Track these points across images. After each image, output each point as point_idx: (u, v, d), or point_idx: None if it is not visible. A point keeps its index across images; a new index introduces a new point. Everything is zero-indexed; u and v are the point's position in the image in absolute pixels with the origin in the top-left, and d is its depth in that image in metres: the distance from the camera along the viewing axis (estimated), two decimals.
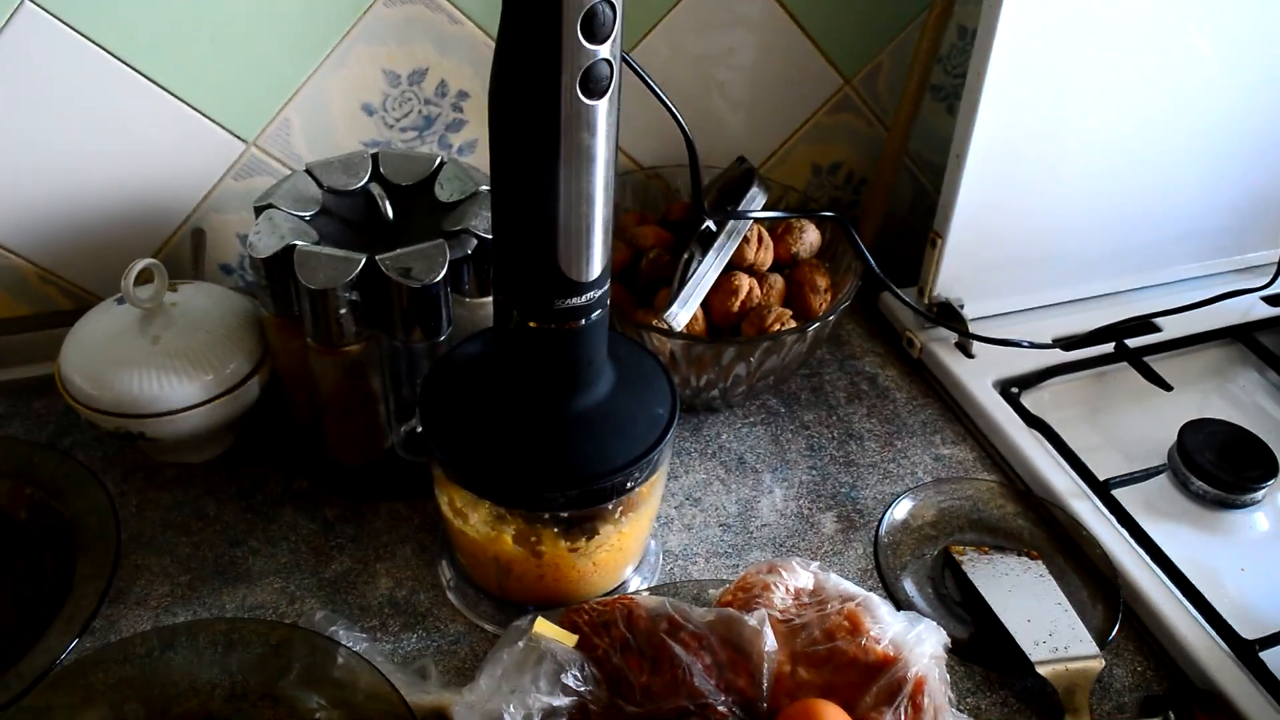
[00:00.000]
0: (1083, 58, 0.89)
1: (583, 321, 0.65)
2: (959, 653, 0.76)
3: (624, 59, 0.65)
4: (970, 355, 1.00)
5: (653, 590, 0.77)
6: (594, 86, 0.55)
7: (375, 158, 0.84)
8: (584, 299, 0.64)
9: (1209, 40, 0.93)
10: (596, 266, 0.63)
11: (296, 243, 0.76)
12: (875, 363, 1.03)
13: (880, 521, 0.84)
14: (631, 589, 0.79)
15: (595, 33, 0.54)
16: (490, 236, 0.77)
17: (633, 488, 0.69)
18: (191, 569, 0.81)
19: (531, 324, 0.65)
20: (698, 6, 0.97)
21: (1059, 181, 0.97)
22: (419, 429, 0.85)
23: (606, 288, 0.65)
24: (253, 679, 0.72)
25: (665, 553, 0.84)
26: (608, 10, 0.53)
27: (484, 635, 0.77)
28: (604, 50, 0.55)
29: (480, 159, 1.00)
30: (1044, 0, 0.85)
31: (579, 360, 0.67)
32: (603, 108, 0.57)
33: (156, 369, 0.80)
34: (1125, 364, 1.00)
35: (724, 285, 0.88)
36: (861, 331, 1.06)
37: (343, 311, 0.75)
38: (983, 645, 0.77)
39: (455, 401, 0.72)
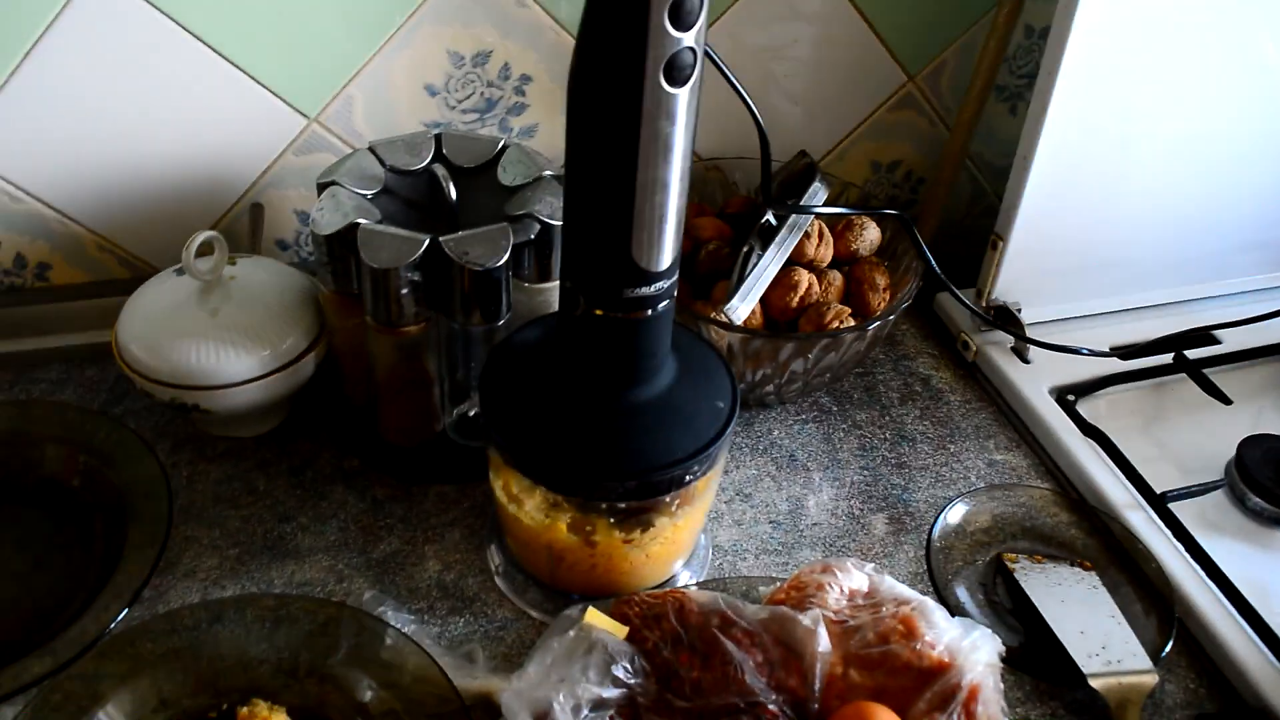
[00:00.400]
0: (1153, 62, 0.88)
1: (650, 312, 0.64)
2: (1009, 661, 0.75)
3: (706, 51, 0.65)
4: (1026, 360, 0.98)
5: (702, 585, 0.76)
6: (677, 75, 0.55)
7: (438, 138, 0.84)
8: (653, 289, 0.63)
9: (1277, 46, 0.91)
10: (668, 257, 0.62)
11: (360, 221, 0.75)
12: (929, 364, 1.02)
13: (933, 525, 0.83)
14: (681, 583, 0.79)
15: (682, 20, 0.53)
16: (554, 222, 0.77)
17: (691, 481, 0.68)
18: (240, 543, 0.81)
19: (598, 312, 0.64)
20: None
21: (1123, 187, 0.95)
22: (473, 413, 0.85)
23: (675, 279, 0.65)
24: (300, 656, 0.72)
25: (715, 548, 0.83)
26: None
27: (531, 622, 0.77)
28: (689, 38, 0.54)
29: (541, 143, 0.99)
30: (1119, 3, 0.83)
31: (644, 350, 0.67)
32: (684, 96, 0.56)
33: (214, 341, 0.80)
34: (1184, 375, 0.98)
35: (783, 280, 0.87)
36: (916, 332, 1.05)
37: (404, 292, 0.75)
38: (1033, 655, 0.76)
39: (514, 387, 0.71)
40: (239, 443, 0.88)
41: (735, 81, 0.78)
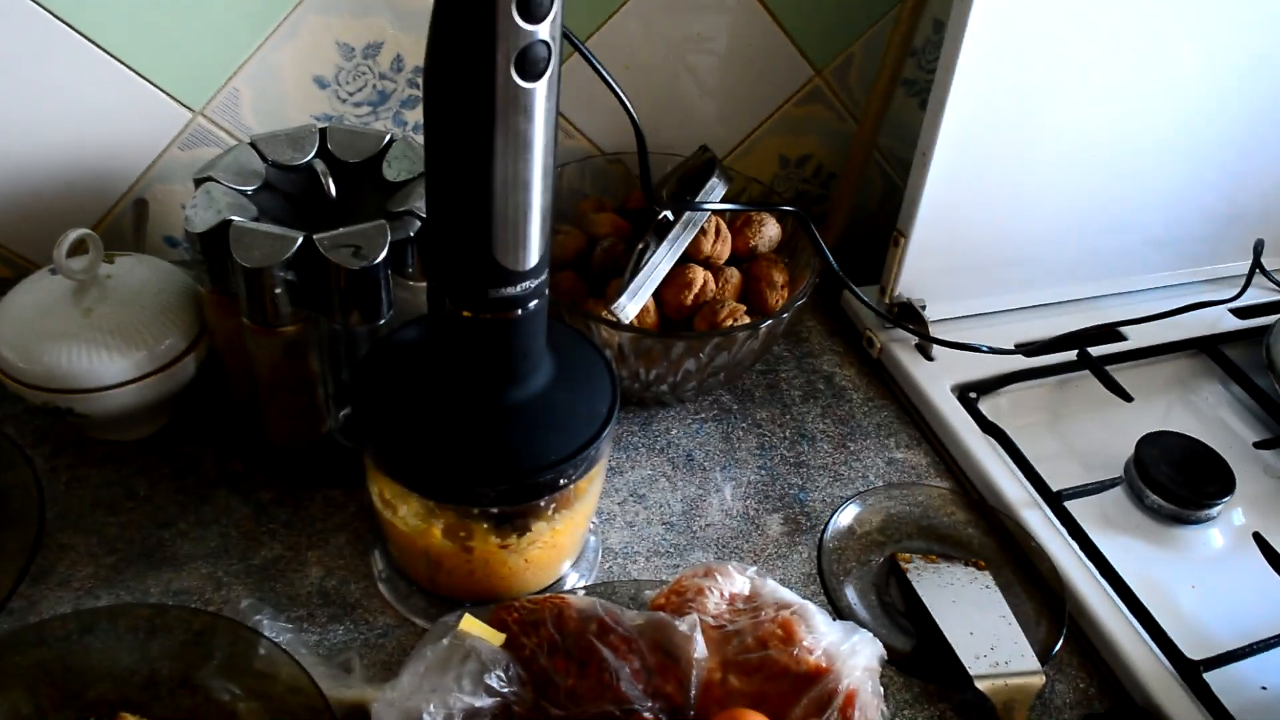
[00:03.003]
0: (1058, 56, 0.88)
1: (519, 312, 0.63)
2: (899, 664, 0.75)
3: (570, 40, 0.63)
4: (930, 358, 0.98)
5: (589, 589, 0.75)
6: (530, 68, 0.53)
7: (323, 133, 0.81)
8: (519, 289, 0.61)
9: (1188, 44, 0.91)
10: (533, 256, 0.61)
11: (232, 218, 0.73)
12: (834, 361, 1.01)
13: (825, 526, 0.82)
14: (569, 585, 0.78)
15: (532, 12, 0.51)
16: None
17: (566, 485, 0.67)
18: (117, 550, 0.79)
19: (465, 313, 0.62)
20: None
21: (1028, 183, 0.95)
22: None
23: (544, 278, 0.63)
24: (172, 667, 0.70)
25: (605, 550, 0.82)
26: None
27: (413, 629, 0.75)
28: (542, 30, 0.52)
29: None
30: None
31: (515, 351, 0.65)
32: (540, 91, 0.54)
33: (87, 343, 0.78)
34: (1087, 372, 0.98)
35: (678, 278, 0.86)
36: (821, 329, 1.04)
37: (278, 291, 0.72)
38: (925, 657, 0.76)
39: (389, 388, 0.70)
40: (121, 446, 0.86)
41: (605, 72, 0.76)
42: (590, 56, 0.74)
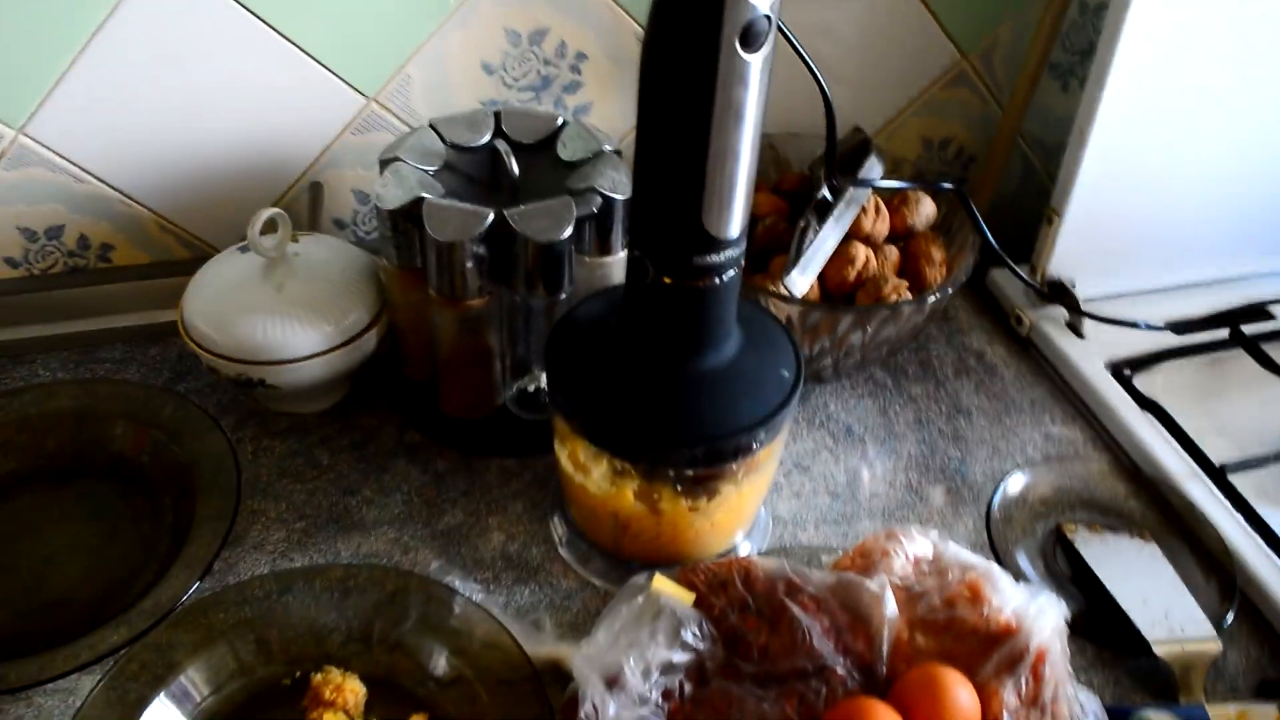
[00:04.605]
0: (1211, 35, 0.88)
1: (718, 280, 0.65)
2: (1071, 628, 0.75)
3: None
4: (1081, 335, 0.99)
5: (766, 554, 0.77)
6: (753, 41, 0.55)
7: (498, 115, 0.84)
8: (722, 257, 0.64)
9: None
10: (737, 225, 0.63)
11: (425, 195, 0.76)
12: (983, 339, 1.02)
13: (993, 495, 0.83)
14: (742, 554, 0.80)
15: None
16: (616, 196, 0.77)
17: (758, 448, 0.69)
18: (307, 516, 0.82)
19: (667, 280, 0.65)
20: None
21: (1180, 161, 0.95)
22: (533, 387, 0.86)
23: (743, 247, 0.65)
24: (371, 625, 0.73)
25: (775, 519, 0.84)
26: None
27: (596, 591, 0.78)
28: (765, 5, 0.54)
29: (595, 120, 1.00)
30: None
31: (711, 318, 0.67)
32: (758, 63, 0.56)
33: (280, 317, 0.81)
34: (1240, 350, 0.98)
35: (840, 254, 0.88)
36: (969, 307, 1.05)
37: (468, 265, 0.76)
38: (1094, 623, 0.76)
39: (580, 357, 0.72)
40: (301, 418, 0.89)
41: (803, 51, 0.78)
42: (791, 36, 0.76)
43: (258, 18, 0.87)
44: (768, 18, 0.55)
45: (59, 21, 0.84)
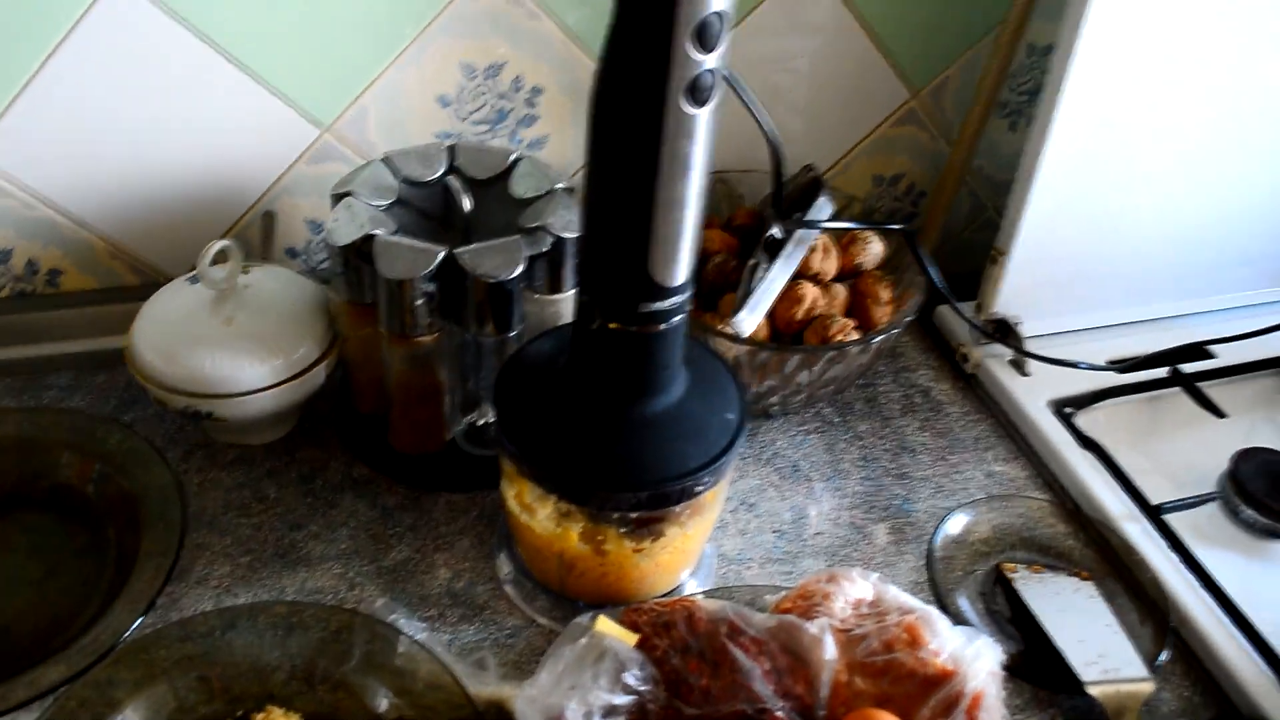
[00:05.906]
0: (1156, 79, 0.90)
1: (664, 325, 0.65)
2: (1008, 669, 0.76)
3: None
4: (1025, 373, 1.00)
5: (709, 594, 0.77)
6: (699, 96, 0.56)
7: (451, 150, 0.85)
8: (668, 303, 0.64)
9: None
10: (683, 272, 0.64)
11: (376, 232, 0.76)
12: (929, 376, 1.03)
13: (934, 535, 0.84)
14: (688, 592, 0.80)
15: (706, 43, 0.54)
16: (567, 235, 0.78)
17: (701, 492, 0.70)
18: (252, 550, 0.82)
19: (613, 325, 0.65)
20: (767, 9, 0.98)
21: (1124, 202, 0.97)
22: (482, 422, 0.86)
23: (690, 293, 0.66)
24: (314, 663, 0.73)
25: (720, 556, 0.84)
26: (718, 21, 0.54)
27: (541, 630, 0.78)
28: (712, 60, 0.55)
29: (550, 154, 1.00)
30: (1125, 20, 0.85)
31: (657, 363, 0.68)
32: (704, 117, 0.57)
33: (229, 350, 0.81)
34: (1179, 389, 1.00)
35: (788, 293, 0.89)
36: (916, 344, 1.06)
37: (418, 302, 0.76)
38: (1032, 663, 0.78)
39: (528, 399, 0.72)
40: (248, 450, 0.89)
41: (752, 106, 0.79)
42: (739, 88, 0.77)
43: (212, 45, 0.87)
44: (713, 72, 0.56)
45: (11, 46, 0.84)
